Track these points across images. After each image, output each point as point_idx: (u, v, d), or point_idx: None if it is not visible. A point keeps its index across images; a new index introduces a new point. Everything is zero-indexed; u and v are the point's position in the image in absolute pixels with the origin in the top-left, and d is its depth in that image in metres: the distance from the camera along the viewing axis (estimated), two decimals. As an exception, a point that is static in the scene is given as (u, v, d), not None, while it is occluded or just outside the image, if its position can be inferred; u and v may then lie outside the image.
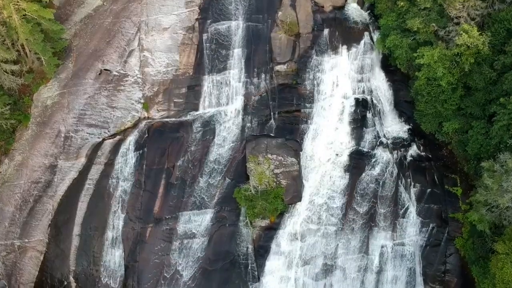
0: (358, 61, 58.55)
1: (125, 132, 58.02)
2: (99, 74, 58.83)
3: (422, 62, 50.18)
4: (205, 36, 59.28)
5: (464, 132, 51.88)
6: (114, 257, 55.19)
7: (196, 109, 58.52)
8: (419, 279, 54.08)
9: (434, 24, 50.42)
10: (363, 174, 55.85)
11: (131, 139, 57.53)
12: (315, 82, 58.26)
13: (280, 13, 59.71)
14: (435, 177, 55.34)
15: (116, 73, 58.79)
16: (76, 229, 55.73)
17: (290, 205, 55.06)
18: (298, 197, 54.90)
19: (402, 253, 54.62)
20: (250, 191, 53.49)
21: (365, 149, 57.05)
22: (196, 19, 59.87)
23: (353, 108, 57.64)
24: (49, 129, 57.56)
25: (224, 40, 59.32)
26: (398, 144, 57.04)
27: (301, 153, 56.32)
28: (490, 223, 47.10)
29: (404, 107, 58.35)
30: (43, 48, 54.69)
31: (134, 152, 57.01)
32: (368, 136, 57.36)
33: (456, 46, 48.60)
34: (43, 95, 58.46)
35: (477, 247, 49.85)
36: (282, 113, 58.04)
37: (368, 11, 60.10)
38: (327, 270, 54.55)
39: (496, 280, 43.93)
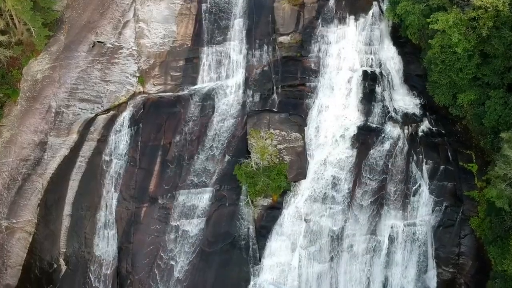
0: (366, 32, 55.12)
1: (119, 107, 55.22)
2: (92, 46, 55.96)
3: (436, 27, 46.89)
4: (204, 6, 56.19)
5: (480, 104, 48.59)
6: (107, 239, 52.42)
7: (194, 83, 55.56)
8: (431, 262, 51.02)
9: (449, -13, 47.38)
10: (372, 150, 52.55)
11: (125, 114, 54.63)
12: (320, 54, 54.92)
13: (283, -19, 56.60)
14: (449, 153, 52.13)
15: (110, 46, 55.91)
16: (67, 209, 53.13)
17: (294, 183, 51.93)
18: (302, 174, 51.72)
19: (413, 234, 51.47)
20: (252, 167, 50.37)
21: (374, 125, 53.67)
22: (195, -12, 56.94)
23: (361, 82, 54.18)
24: (39, 104, 54.79)
25: (224, 10, 56.22)
26: (408, 119, 53.64)
27: (305, 128, 53.18)
28: (510, 199, 43.90)
29: (415, 81, 55.19)
30: (31, 17, 51.79)
31: (128, 128, 54.11)
32: (377, 111, 53.98)
33: (472, 9, 45.38)
34: (33, 68, 55.57)
35: (494, 226, 46.64)
36: (285, 87, 54.84)
37: (377, -21, 56.87)
38: (333, 252, 51.53)
39: (518, 259, 40.90)
